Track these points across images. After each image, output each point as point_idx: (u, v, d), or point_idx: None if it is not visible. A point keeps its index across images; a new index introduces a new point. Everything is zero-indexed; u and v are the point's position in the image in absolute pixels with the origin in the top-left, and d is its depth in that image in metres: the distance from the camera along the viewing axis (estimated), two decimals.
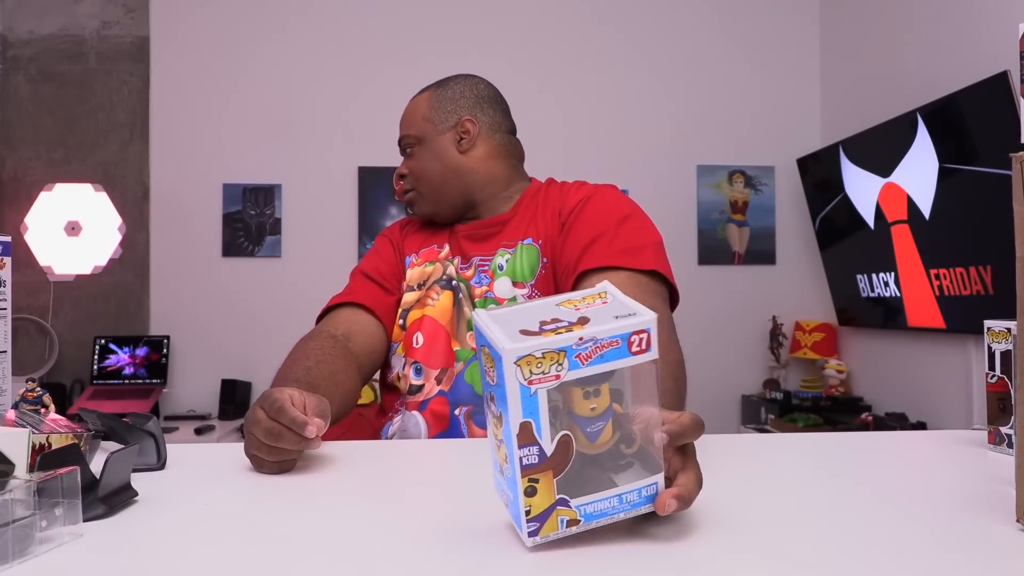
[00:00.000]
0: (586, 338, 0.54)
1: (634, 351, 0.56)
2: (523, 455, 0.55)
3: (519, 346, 0.53)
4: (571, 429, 0.56)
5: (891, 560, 0.57)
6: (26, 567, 0.54)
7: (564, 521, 0.56)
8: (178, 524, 0.67)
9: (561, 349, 0.54)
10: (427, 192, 1.33)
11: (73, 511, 0.60)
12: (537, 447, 0.55)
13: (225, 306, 3.44)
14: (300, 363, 1.11)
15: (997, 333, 0.92)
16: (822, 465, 0.94)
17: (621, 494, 0.57)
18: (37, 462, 0.66)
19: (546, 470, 0.55)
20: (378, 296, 1.31)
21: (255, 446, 0.82)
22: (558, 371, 0.54)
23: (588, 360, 0.55)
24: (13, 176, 3.39)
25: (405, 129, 1.35)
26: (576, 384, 0.56)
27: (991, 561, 0.58)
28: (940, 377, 2.81)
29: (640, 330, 0.56)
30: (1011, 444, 0.91)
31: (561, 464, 0.56)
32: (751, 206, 3.61)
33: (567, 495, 0.56)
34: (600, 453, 0.57)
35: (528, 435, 0.55)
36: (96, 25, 3.46)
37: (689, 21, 3.63)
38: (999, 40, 2.40)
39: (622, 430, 0.58)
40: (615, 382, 0.57)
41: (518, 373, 0.53)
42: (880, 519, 0.68)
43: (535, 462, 0.55)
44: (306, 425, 0.80)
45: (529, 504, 0.55)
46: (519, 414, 0.54)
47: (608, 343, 0.55)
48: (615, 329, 0.55)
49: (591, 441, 0.57)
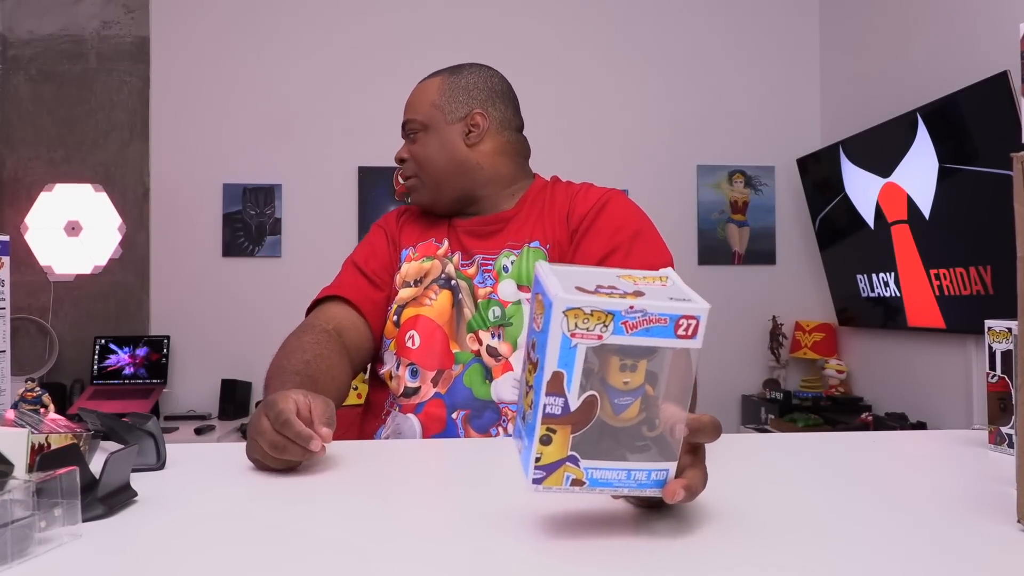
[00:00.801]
0: (636, 308, 0.55)
1: (679, 334, 0.57)
2: (548, 403, 0.56)
3: (571, 297, 0.55)
4: (600, 395, 0.57)
5: (891, 560, 0.57)
6: (25, 567, 0.54)
7: (569, 479, 0.58)
8: (178, 524, 0.67)
9: (610, 312, 0.55)
10: (428, 181, 1.30)
11: (72, 511, 0.59)
12: (563, 399, 0.56)
13: (225, 306, 3.44)
14: (297, 355, 1.10)
15: (998, 333, 0.92)
16: (822, 465, 0.94)
17: (630, 470, 0.59)
18: (36, 462, 0.66)
19: (565, 424, 0.56)
20: (366, 292, 1.29)
21: (259, 454, 0.82)
22: (602, 332, 0.55)
23: (633, 330, 0.56)
24: (13, 176, 3.39)
25: (412, 113, 1.31)
26: (616, 353, 0.56)
27: (991, 562, 0.58)
28: (940, 377, 2.81)
29: (690, 315, 0.57)
30: (1012, 444, 0.91)
31: (581, 422, 0.57)
32: (751, 206, 3.61)
33: (579, 454, 0.57)
34: (622, 428, 0.58)
35: (558, 385, 0.56)
36: (96, 25, 3.46)
37: (689, 21, 3.62)
38: (999, 40, 2.40)
39: (648, 412, 0.58)
40: (654, 364, 0.57)
41: (564, 323, 0.55)
42: (880, 519, 0.67)
43: (557, 412, 0.56)
44: (312, 439, 0.79)
45: (541, 451, 0.57)
46: (555, 363, 0.55)
47: (656, 319, 0.56)
48: (667, 307, 0.56)
49: (616, 413, 0.58)
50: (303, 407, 0.84)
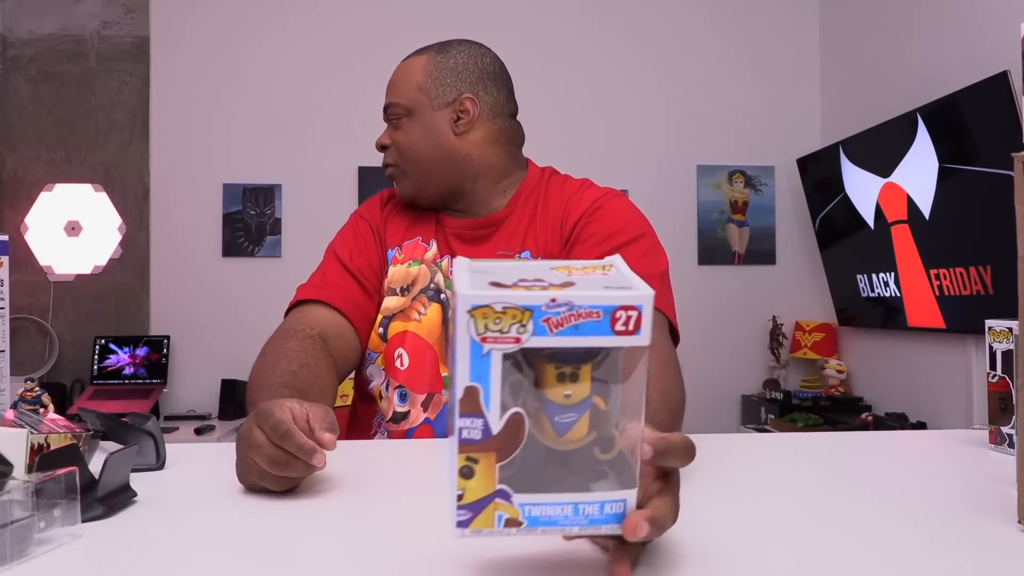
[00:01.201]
0: (559, 300, 0.45)
1: (617, 330, 0.46)
2: (463, 426, 0.46)
3: (476, 293, 0.45)
4: (536, 415, 0.47)
5: (891, 561, 0.57)
6: (24, 568, 0.54)
7: (502, 518, 0.47)
8: (177, 525, 0.66)
9: (527, 307, 0.45)
10: (412, 171, 1.19)
11: (71, 512, 0.59)
12: (482, 420, 0.46)
13: (225, 306, 3.44)
14: (282, 365, 1.00)
15: (998, 333, 0.91)
16: (822, 465, 0.94)
17: (578, 503, 0.48)
18: (36, 462, 0.65)
19: (488, 451, 0.46)
20: (358, 300, 1.17)
21: (256, 474, 0.72)
22: (519, 333, 0.45)
23: (559, 328, 0.45)
24: (13, 176, 3.39)
25: (394, 96, 1.19)
26: (548, 359, 0.47)
27: (992, 563, 0.57)
28: (940, 377, 2.81)
29: (628, 306, 0.46)
30: (1012, 444, 0.91)
31: (508, 447, 0.47)
32: (751, 206, 3.61)
33: (511, 488, 0.47)
34: (569, 451, 0.48)
35: (472, 403, 0.46)
36: (96, 25, 3.45)
37: (689, 21, 3.62)
38: (999, 40, 2.40)
39: (600, 430, 0.48)
40: (602, 370, 0.48)
41: (471, 326, 0.45)
42: (880, 519, 0.67)
43: (476, 437, 0.46)
44: (315, 452, 0.70)
45: (463, 487, 0.47)
46: (466, 375, 0.45)
47: (586, 313, 0.45)
48: (597, 298, 0.46)
49: (559, 433, 0.48)
50: (300, 416, 0.75)
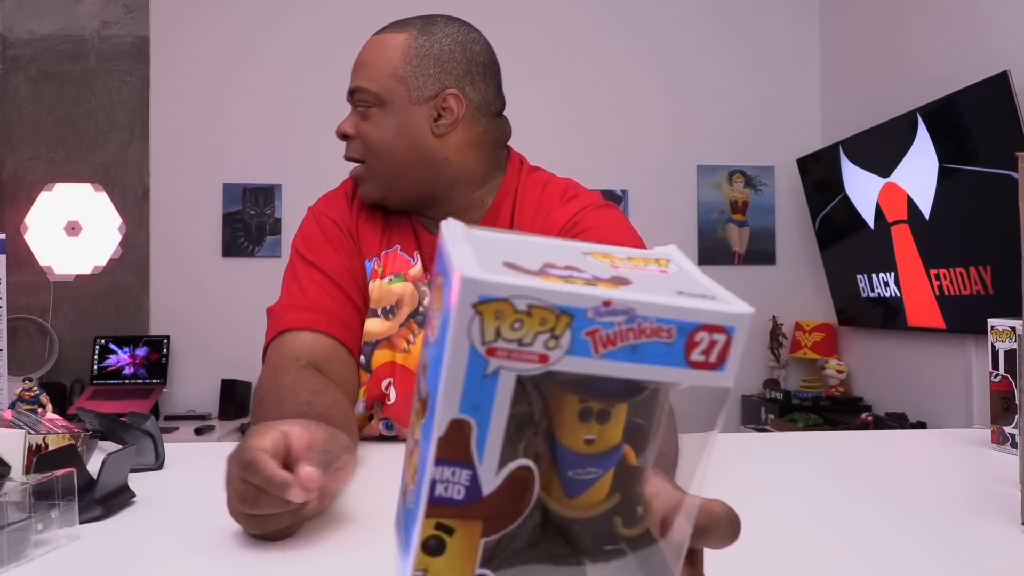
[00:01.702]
0: (617, 304, 0.31)
1: (693, 359, 0.32)
2: (440, 478, 0.32)
3: (488, 279, 0.30)
4: (542, 462, 0.33)
5: (892, 562, 0.57)
6: (22, 570, 0.54)
7: None
8: (176, 525, 0.66)
9: (566, 310, 0.30)
10: (381, 173, 1.02)
11: (69, 513, 0.59)
12: (469, 472, 0.32)
13: (225, 306, 3.43)
14: (290, 400, 0.84)
15: (1001, 332, 0.91)
16: (822, 465, 0.94)
17: None
18: (33, 463, 0.65)
19: (471, 518, 0.32)
20: (349, 321, 1.00)
21: (233, 512, 0.61)
22: (548, 349, 0.31)
23: (607, 348, 0.31)
24: (13, 176, 3.39)
25: (365, 79, 1.01)
26: (574, 388, 0.33)
27: (994, 564, 0.57)
28: (940, 377, 2.80)
29: (715, 326, 0.32)
30: (1015, 444, 0.91)
31: (503, 518, 0.33)
32: (751, 206, 3.61)
33: (494, 568, 0.33)
34: (580, 519, 0.34)
35: (458, 446, 0.31)
36: (96, 25, 3.45)
37: (689, 21, 3.62)
38: (999, 40, 2.40)
39: (625, 494, 0.35)
40: (640, 409, 0.35)
41: (474, 327, 0.30)
42: (881, 520, 0.67)
43: (456, 497, 0.32)
44: (287, 487, 0.55)
45: (424, 566, 0.32)
46: (454, 403, 0.31)
47: (652, 329, 0.31)
48: (674, 310, 0.32)
49: (570, 495, 0.34)
50: (298, 441, 0.61)
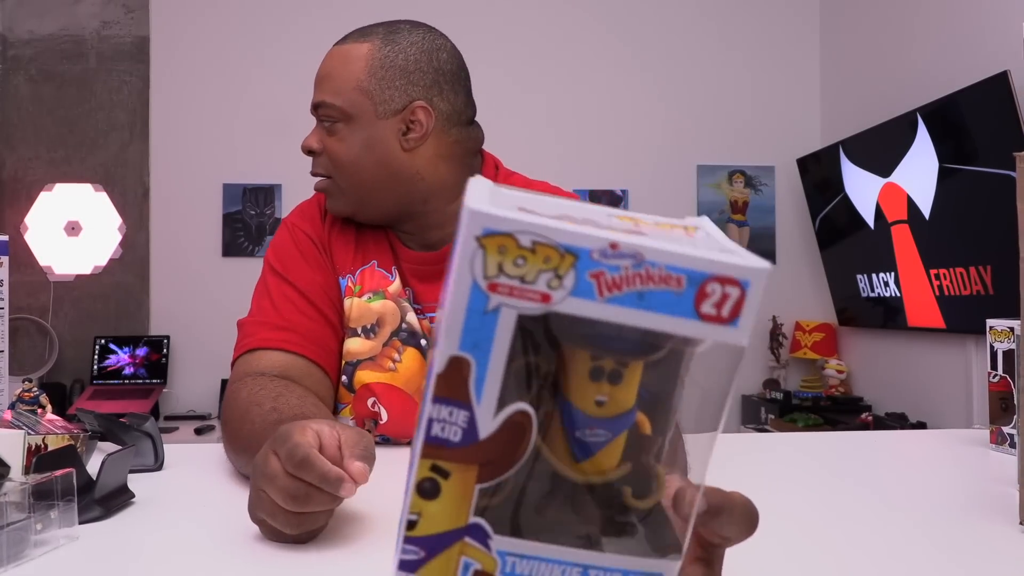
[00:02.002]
0: (624, 248, 0.30)
1: (704, 312, 0.31)
2: (436, 417, 0.31)
3: (494, 213, 0.30)
4: (548, 423, 0.33)
5: (891, 562, 0.57)
6: (21, 571, 0.54)
7: (469, 569, 0.33)
8: (175, 526, 0.66)
9: (571, 249, 0.30)
10: (349, 189, 0.99)
11: (69, 513, 0.59)
12: (466, 413, 0.31)
13: (225, 306, 3.42)
14: (254, 412, 0.80)
15: (999, 332, 0.91)
16: (822, 465, 0.94)
17: (589, 567, 0.33)
18: (33, 463, 0.65)
19: (468, 462, 0.32)
20: (326, 340, 0.96)
21: (266, 510, 0.58)
22: (550, 288, 0.30)
23: (612, 291, 0.30)
24: (13, 176, 3.39)
25: (328, 93, 0.98)
26: (583, 342, 0.32)
27: (993, 564, 0.57)
28: (940, 377, 2.80)
29: (727, 277, 0.31)
30: (1014, 444, 0.91)
31: (499, 462, 0.32)
32: (751, 206, 3.61)
33: (490, 524, 0.32)
34: (588, 486, 0.33)
35: (456, 384, 0.31)
36: (96, 25, 3.45)
37: (689, 21, 3.62)
38: (999, 40, 2.40)
39: (638, 463, 0.34)
40: (658, 372, 0.33)
41: (476, 261, 0.30)
42: (880, 520, 0.67)
43: (453, 438, 0.31)
44: (343, 482, 0.56)
45: (418, 509, 0.32)
46: (455, 339, 0.31)
47: (660, 275, 0.30)
48: (685, 258, 0.31)
49: (578, 456, 0.33)
50: (330, 441, 0.60)
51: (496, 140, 1.79)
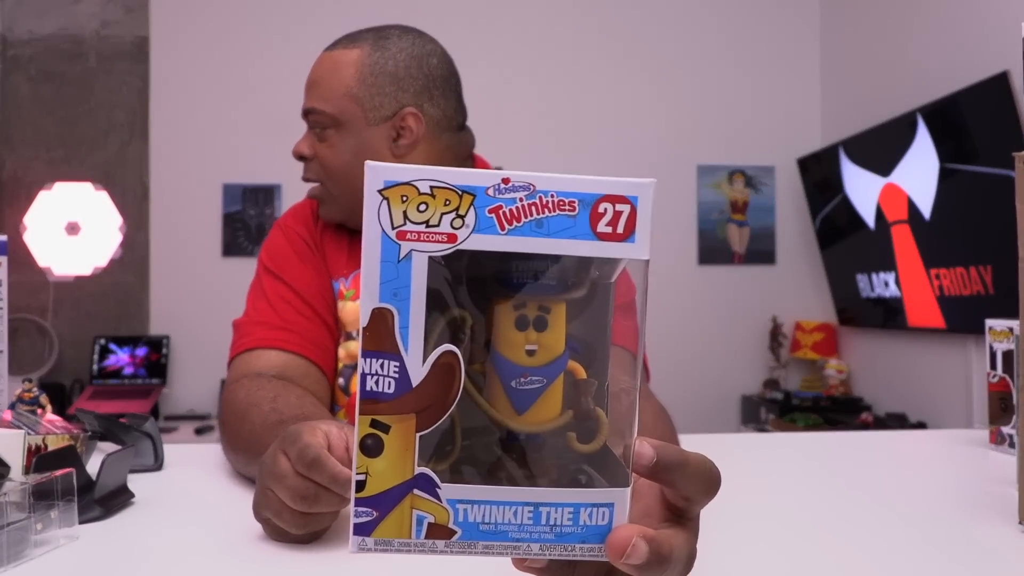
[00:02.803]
0: (516, 181, 0.33)
1: (600, 231, 0.33)
2: (370, 371, 0.32)
3: (392, 166, 0.33)
4: (486, 378, 0.34)
5: (891, 561, 0.57)
6: (21, 570, 0.54)
7: (423, 523, 0.33)
8: (175, 526, 0.66)
9: (467, 189, 0.32)
10: (341, 196, 0.99)
11: (69, 513, 0.59)
12: (396, 363, 0.32)
13: (225, 306, 3.41)
14: (253, 413, 0.80)
15: (999, 332, 0.91)
16: (822, 465, 0.94)
17: (541, 505, 0.33)
18: (33, 464, 0.65)
19: (404, 411, 0.32)
20: (323, 340, 0.97)
21: (273, 510, 0.59)
22: (455, 228, 0.32)
23: (513, 223, 0.33)
24: (13, 176, 3.39)
25: (318, 100, 0.98)
26: (501, 293, 0.34)
27: (993, 564, 0.57)
28: (940, 377, 2.80)
29: (616, 195, 0.33)
30: (1013, 444, 0.91)
31: (434, 408, 0.33)
32: (751, 206, 3.61)
33: (436, 472, 0.33)
34: (532, 436, 0.34)
35: (382, 335, 0.32)
36: (96, 25, 3.45)
37: (689, 21, 3.62)
38: (999, 40, 2.39)
39: (578, 409, 0.35)
40: (583, 321, 0.35)
41: (382, 212, 0.32)
42: (880, 520, 0.67)
43: (387, 390, 0.32)
44: (351, 484, 0.60)
45: (365, 468, 0.33)
46: (374, 292, 0.32)
47: (555, 202, 0.33)
48: (573, 182, 0.33)
49: (518, 408, 0.34)
50: (339, 442, 0.59)
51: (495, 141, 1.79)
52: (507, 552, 0.34)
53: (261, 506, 0.60)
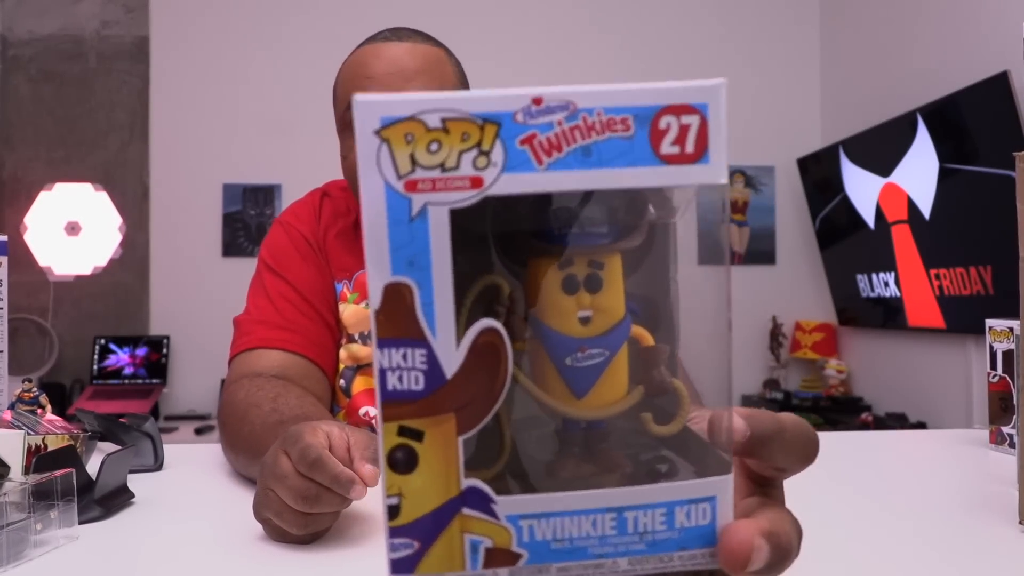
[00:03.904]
0: (550, 100, 0.25)
1: (665, 153, 0.26)
2: (390, 365, 0.25)
3: (389, 99, 0.25)
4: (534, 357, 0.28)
5: (891, 562, 0.57)
6: (20, 571, 0.54)
7: (479, 549, 0.26)
8: (175, 526, 0.66)
9: (489, 117, 0.25)
10: None
11: (68, 513, 0.59)
12: (423, 350, 0.25)
13: (225, 306, 3.41)
14: (252, 414, 0.79)
15: (999, 332, 0.91)
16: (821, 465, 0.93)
17: (624, 510, 0.26)
18: (33, 464, 0.65)
19: (441, 411, 0.25)
20: (323, 340, 0.96)
21: (273, 510, 0.59)
22: (479, 169, 0.25)
23: (552, 155, 0.25)
24: (13, 176, 3.39)
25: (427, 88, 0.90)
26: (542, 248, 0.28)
27: (993, 564, 0.57)
28: (940, 377, 2.80)
29: (682, 106, 0.27)
30: (1013, 444, 0.91)
31: (478, 404, 0.25)
32: (751, 206, 3.61)
33: (489, 484, 0.26)
34: (598, 422, 0.28)
35: (402, 317, 0.25)
36: (96, 25, 3.45)
37: (689, 21, 3.62)
38: (999, 40, 2.39)
39: (651, 383, 0.29)
40: (641, 274, 0.28)
41: (383, 159, 0.25)
42: (880, 520, 0.67)
43: (417, 388, 0.25)
44: (353, 484, 0.56)
45: (397, 488, 0.25)
46: (384, 263, 0.25)
47: (603, 122, 0.26)
48: (624, 94, 0.26)
49: (576, 391, 0.28)
50: (340, 443, 0.60)
51: None
52: (589, 573, 0.26)
53: (262, 506, 0.60)
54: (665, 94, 0.26)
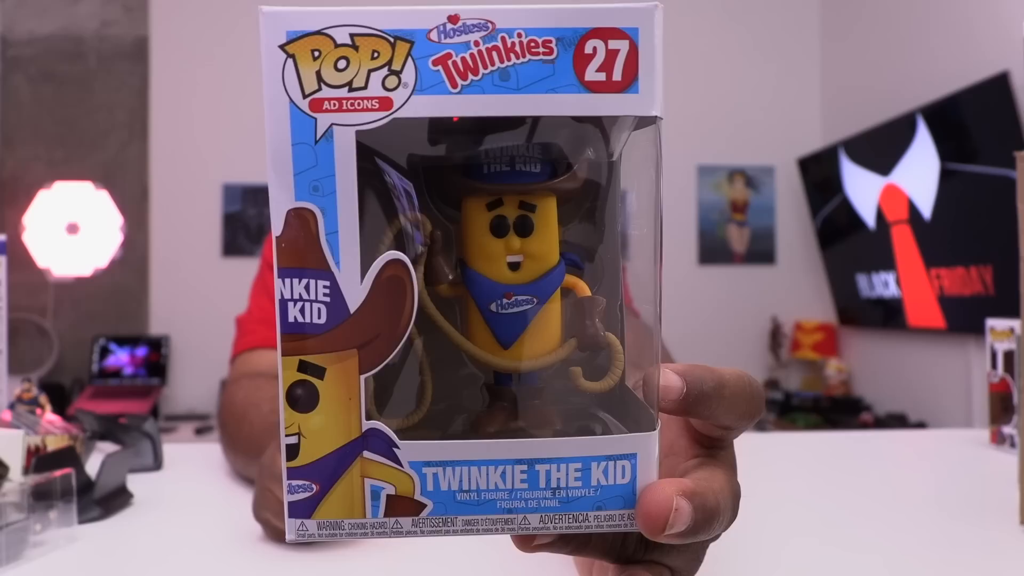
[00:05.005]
0: (468, 18, 0.24)
1: (589, 80, 0.24)
2: (291, 296, 0.24)
3: (295, 10, 0.24)
4: (465, 307, 0.26)
5: (891, 562, 0.57)
6: (19, 571, 0.54)
7: (380, 496, 0.25)
8: (174, 527, 0.66)
9: (401, 34, 0.24)
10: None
11: (68, 514, 0.59)
12: (326, 282, 0.24)
13: (225, 306, 3.42)
14: (252, 414, 0.80)
15: (999, 332, 0.91)
16: (822, 465, 0.94)
17: (535, 462, 0.25)
18: (32, 464, 0.65)
19: (344, 346, 0.24)
20: None
21: (273, 510, 0.58)
22: (388, 89, 0.24)
23: (467, 78, 0.24)
24: (13, 176, 3.39)
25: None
26: (465, 180, 0.26)
27: (993, 564, 0.57)
28: (940, 377, 2.80)
29: (609, 28, 0.24)
30: (1014, 444, 0.91)
31: (382, 341, 0.24)
32: (751, 206, 3.61)
33: (392, 425, 0.25)
34: (527, 375, 0.26)
35: (305, 246, 0.25)
36: (96, 25, 3.45)
37: (689, 21, 3.62)
38: (999, 40, 2.39)
39: (584, 335, 0.27)
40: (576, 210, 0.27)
41: (288, 75, 0.24)
42: (880, 520, 0.67)
43: (319, 321, 0.24)
44: None
45: (296, 427, 0.24)
46: (287, 188, 0.25)
47: (523, 44, 0.24)
48: (547, 15, 0.24)
49: (502, 340, 0.26)
50: None
51: None
52: (497, 528, 0.25)
53: (261, 507, 0.60)
54: (591, 16, 0.24)
